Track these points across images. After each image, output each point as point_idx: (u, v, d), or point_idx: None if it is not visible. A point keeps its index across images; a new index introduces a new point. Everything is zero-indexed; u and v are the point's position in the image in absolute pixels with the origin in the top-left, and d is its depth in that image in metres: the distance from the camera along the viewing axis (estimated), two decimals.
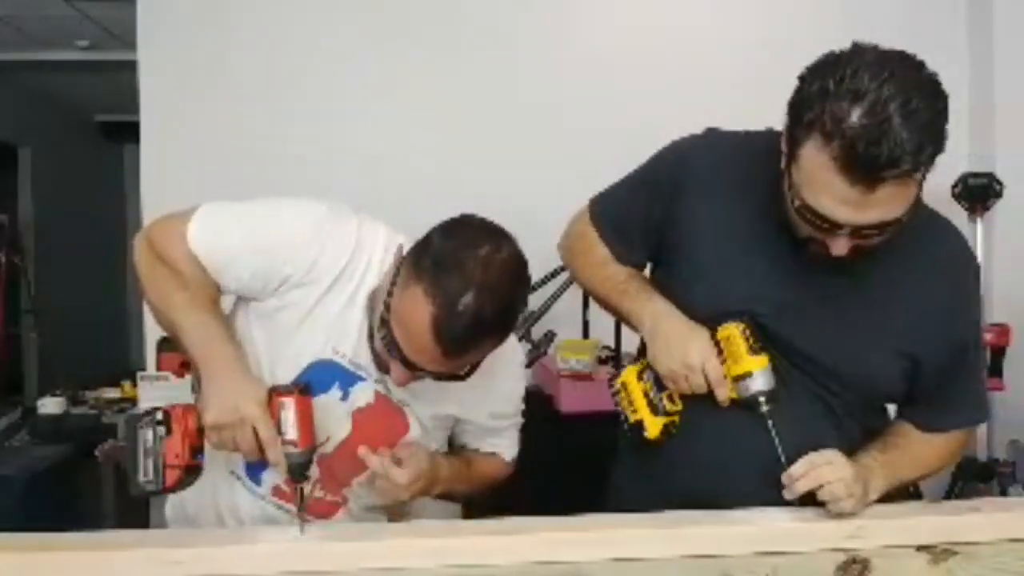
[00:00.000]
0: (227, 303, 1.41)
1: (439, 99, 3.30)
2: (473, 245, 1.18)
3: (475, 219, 1.25)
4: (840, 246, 1.19)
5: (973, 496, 2.69)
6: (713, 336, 1.33)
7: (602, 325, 2.95)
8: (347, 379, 1.35)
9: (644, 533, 1.26)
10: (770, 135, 1.26)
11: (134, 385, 3.24)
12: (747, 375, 1.30)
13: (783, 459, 1.28)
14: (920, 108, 1.08)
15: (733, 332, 1.31)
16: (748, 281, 1.34)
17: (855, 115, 1.08)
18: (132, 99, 3.29)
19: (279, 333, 1.33)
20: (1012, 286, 3.09)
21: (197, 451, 1.25)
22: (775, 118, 1.36)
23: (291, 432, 1.23)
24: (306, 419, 1.24)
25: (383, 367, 1.31)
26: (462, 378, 1.27)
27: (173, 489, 1.26)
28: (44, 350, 5.63)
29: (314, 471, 1.39)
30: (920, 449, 1.40)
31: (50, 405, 3.33)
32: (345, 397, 1.35)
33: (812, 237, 1.22)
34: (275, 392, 1.24)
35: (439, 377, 1.26)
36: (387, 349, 1.24)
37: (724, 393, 1.32)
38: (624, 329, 2.91)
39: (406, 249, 1.26)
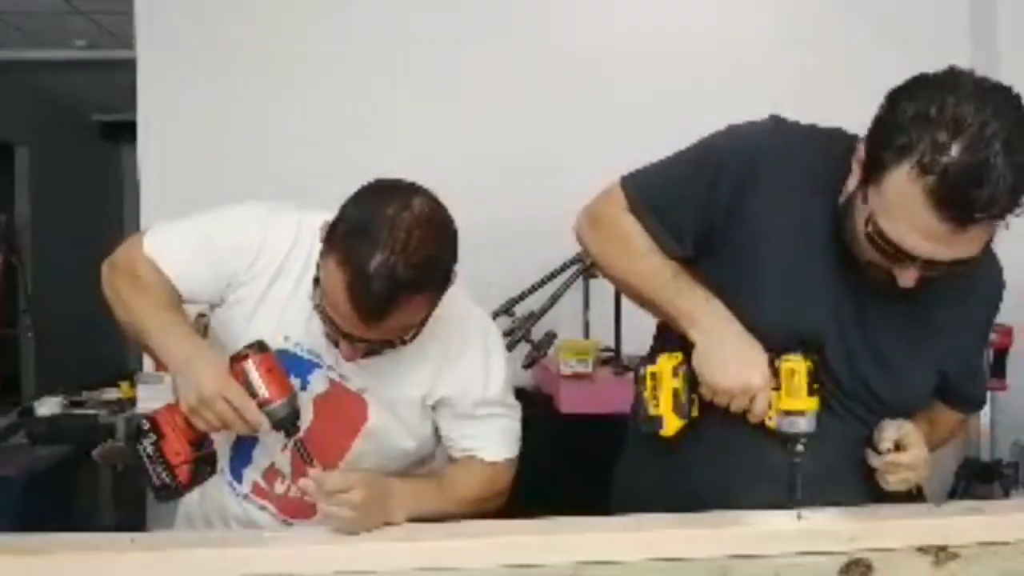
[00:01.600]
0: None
1: (439, 101, 3.29)
2: (380, 208, 1.19)
3: (385, 182, 1.25)
4: (908, 277, 1.14)
5: (976, 497, 2.68)
6: (773, 362, 1.26)
7: (603, 326, 2.94)
8: (303, 367, 1.36)
9: (643, 533, 1.26)
10: (834, 136, 1.19)
11: (132, 385, 3.23)
12: (798, 413, 1.26)
13: (799, 495, 1.27)
14: (1021, 148, 1.03)
15: (799, 368, 1.25)
16: (811, 298, 1.28)
17: (955, 149, 1.02)
18: (130, 98, 3.29)
19: (236, 329, 1.36)
20: (1014, 287, 3.08)
21: (197, 443, 1.27)
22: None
23: (263, 391, 1.25)
24: (274, 372, 1.26)
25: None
26: (405, 343, 1.27)
27: (192, 483, 1.28)
28: (41, 350, 5.63)
29: (285, 465, 1.41)
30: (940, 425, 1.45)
31: (48, 406, 3.30)
32: (304, 386, 1.36)
33: (874, 263, 1.17)
34: (234, 360, 1.26)
35: (384, 344, 1.26)
36: (327, 326, 1.26)
37: (760, 420, 1.28)
38: (624, 330, 2.90)
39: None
